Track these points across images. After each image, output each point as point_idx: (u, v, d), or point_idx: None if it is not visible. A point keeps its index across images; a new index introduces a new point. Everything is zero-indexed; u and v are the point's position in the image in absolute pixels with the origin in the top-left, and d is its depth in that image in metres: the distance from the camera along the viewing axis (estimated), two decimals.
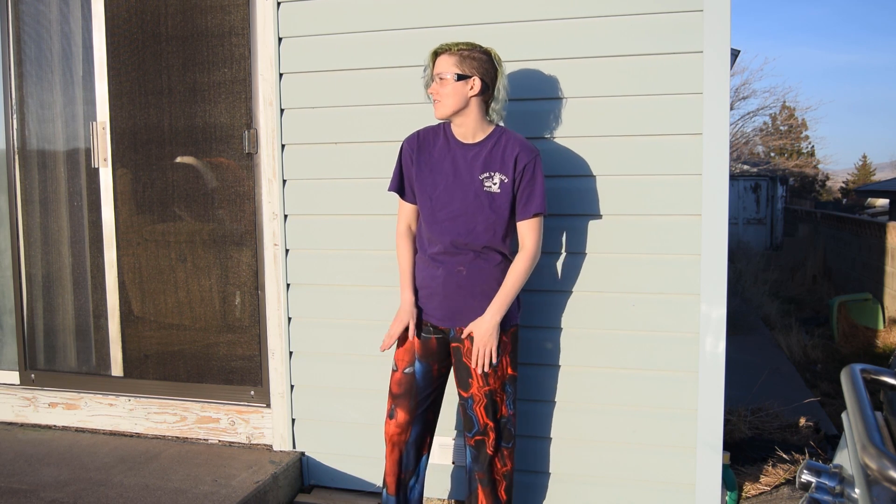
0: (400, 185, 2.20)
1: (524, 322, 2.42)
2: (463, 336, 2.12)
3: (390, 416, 2.20)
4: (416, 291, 2.19)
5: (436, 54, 2.09)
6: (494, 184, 2.08)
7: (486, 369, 2.08)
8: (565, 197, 2.46)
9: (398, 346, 2.21)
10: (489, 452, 2.16)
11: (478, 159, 2.10)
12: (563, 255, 2.49)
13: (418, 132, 2.21)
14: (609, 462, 2.50)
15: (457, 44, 2.07)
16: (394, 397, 2.20)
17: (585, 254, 2.47)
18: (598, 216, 2.44)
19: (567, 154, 2.45)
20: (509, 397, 2.18)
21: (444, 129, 2.18)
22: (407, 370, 2.18)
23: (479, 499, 2.19)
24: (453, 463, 2.62)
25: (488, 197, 2.08)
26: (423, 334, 2.18)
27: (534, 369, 2.52)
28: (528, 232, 2.10)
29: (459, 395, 2.19)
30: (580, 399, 2.50)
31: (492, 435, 2.15)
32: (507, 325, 2.12)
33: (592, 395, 2.50)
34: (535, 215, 2.09)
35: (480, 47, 2.08)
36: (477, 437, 2.16)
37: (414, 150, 2.17)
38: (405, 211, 2.23)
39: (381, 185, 2.62)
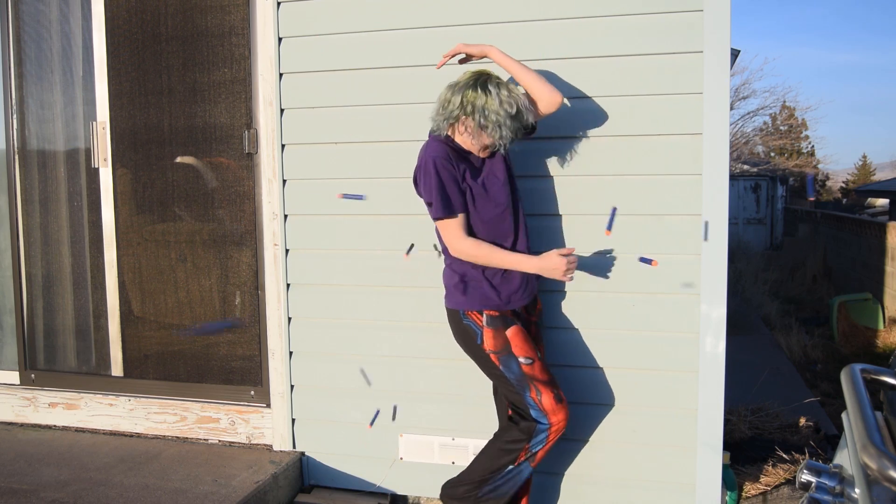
0: (463, 201, 2.12)
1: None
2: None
3: (559, 399, 2.14)
4: (495, 289, 2.17)
5: None
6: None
7: None
8: (566, 196, 2.46)
9: (518, 341, 2.14)
10: None
11: (499, 164, 2.20)
12: None
13: (445, 151, 2.12)
14: (609, 462, 2.50)
15: None
16: (549, 383, 2.15)
17: (585, 253, 2.46)
18: (598, 216, 2.44)
19: (567, 154, 2.45)
20: None
21: (452, 145, 2.16)
22: (539, 356, 2.19)
23: None
24: (453, 463, 2.62)
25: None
26: (523, 325, 2.20)
27: None
28: None
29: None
30: (581, 399, 2.50)
31: None
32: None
33: (593, 394, 2.50)
34: None
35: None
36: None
37: (454, 165, 2.10)
38: (464, 223, 2.13)
39: (380, 185, 2.63)
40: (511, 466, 2.17)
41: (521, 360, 2.14)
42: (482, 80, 2.06)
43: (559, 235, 2.48)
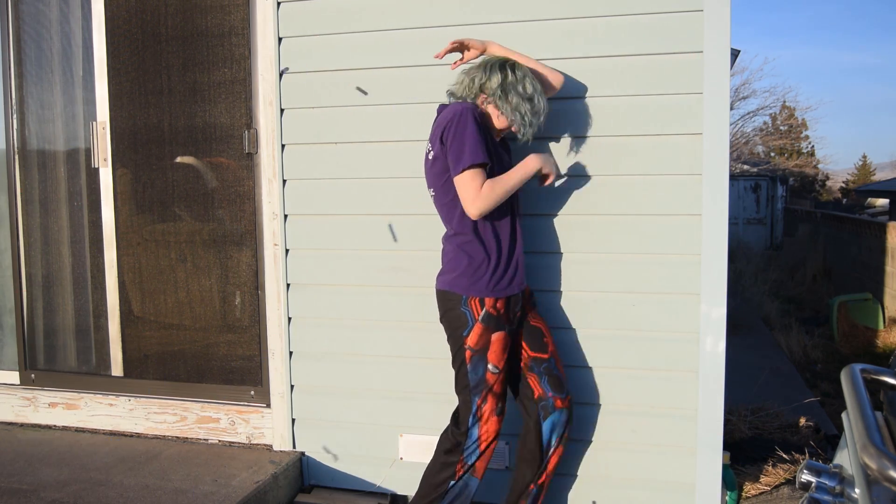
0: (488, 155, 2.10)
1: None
2: None
3: (500, 412, 2.18)
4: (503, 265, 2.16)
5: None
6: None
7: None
8: (565, 196, 2.46)
9: (496, 348, 2.13)
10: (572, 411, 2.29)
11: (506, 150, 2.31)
12: (563, 254, 2.49)
13: (476, 109, 2.10)
14: (609, 462, 2.50)
15: None
16: (499, 397, 2.18)
17: (585, 254, 2.46)
18: (598, 216, 2.44)
19: (567, 154, 2.45)
20: None
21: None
22: (504, 368, 2.18)
23: (554, 459, 2.25)
24: None
25: None
26: (509, 328, 2.17)
27: None
28: None
29: (536, 359, 2.24)
30: (580, 399, 2.50)
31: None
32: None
33: (593, 394, 2.50)
34: None
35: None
36: (568, 397, 2.25)
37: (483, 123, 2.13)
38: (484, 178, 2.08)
39: (381, 186, 2.63)
40: (453, 482, 2.19)
41: (490, 367, 2.14)
42: (509, 63, 2.14)
43: (559, 234, 2.48)
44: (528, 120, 2.12)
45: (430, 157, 2.15)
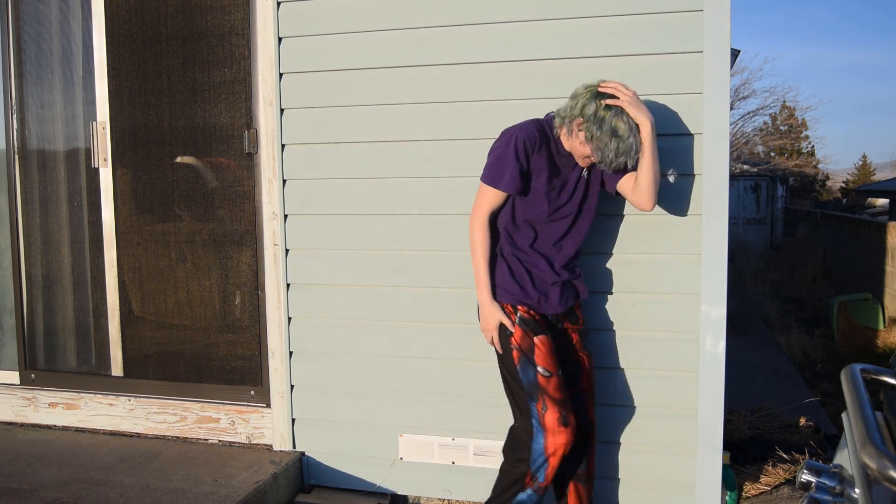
0: (514, 184, 2.10)
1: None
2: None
3: (565, 423, 2.05)
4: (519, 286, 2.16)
5: None
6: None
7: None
8: None
9: (543, 351, 2.09)
10: (593, 449, 2.26)
11: (578, 177, 2.22)
12: None
13: (534, 135, 2.11)
14: (609, 461, 2.50)
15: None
16: (560, 403, 2.07)
17: (585, 254, 2.46)
18: (597, 216, 2.44)
19: None
20: None
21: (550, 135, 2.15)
22: (559, 372, 2.10)
23: (578, 497, 2.24)
24: (453, 463, 2.62)
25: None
26: (548, 332, 2.15)
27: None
28: None
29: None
30: None
31: (595, 432, 2.26)
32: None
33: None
34: None
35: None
36: (584, 436, 2.20)
37: (531, 151, 2.11)
38: (497, 201, 2.14)
39: (380, 185, 2.63)
40: (521, 495, 2.11)
41: (539, 369, 2.08)
42: (617, 108, 2.02)
43: None
44: (596, 157, 2.06)
45: None
